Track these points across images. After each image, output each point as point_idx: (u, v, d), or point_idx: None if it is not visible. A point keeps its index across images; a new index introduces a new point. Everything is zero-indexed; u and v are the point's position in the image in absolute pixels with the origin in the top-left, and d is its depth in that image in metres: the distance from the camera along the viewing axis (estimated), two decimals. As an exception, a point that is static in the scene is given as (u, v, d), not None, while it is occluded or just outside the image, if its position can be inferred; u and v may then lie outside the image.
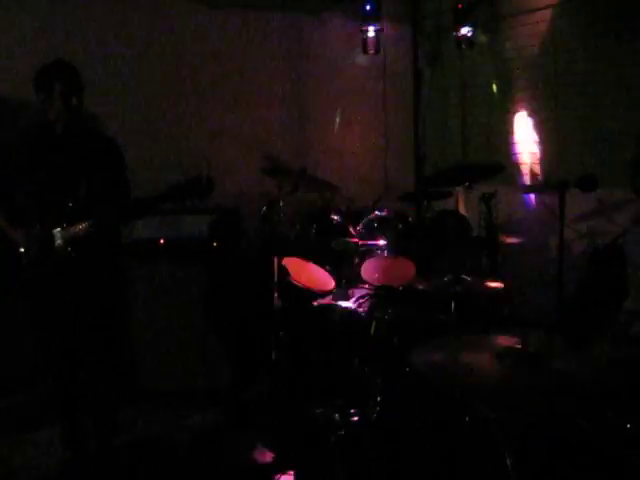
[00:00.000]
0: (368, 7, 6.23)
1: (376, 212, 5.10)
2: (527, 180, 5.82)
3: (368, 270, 4.68)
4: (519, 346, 2.59)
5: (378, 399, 3.77)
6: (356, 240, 4.90)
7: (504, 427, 2.99)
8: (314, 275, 4.89)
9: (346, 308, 4.45)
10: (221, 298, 5.15)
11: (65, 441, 4.14)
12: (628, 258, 3.41)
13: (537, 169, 5.74)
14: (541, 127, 5.77)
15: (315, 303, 4.65)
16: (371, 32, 6.27)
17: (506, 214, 5.65)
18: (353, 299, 4.58)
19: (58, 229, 3.79)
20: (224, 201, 5.30)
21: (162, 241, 5.08)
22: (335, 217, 5.13)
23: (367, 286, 4.68)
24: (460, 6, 6.13)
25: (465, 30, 6.10)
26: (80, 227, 3.76)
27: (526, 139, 5.88)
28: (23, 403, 4.92)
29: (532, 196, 5.71)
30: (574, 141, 5.41)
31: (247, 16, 6.26)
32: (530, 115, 5.87)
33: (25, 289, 3.98)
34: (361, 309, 4.43)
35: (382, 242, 4.90)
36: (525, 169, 5.86)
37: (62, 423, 4.15)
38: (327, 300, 4.67)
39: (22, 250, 3.84)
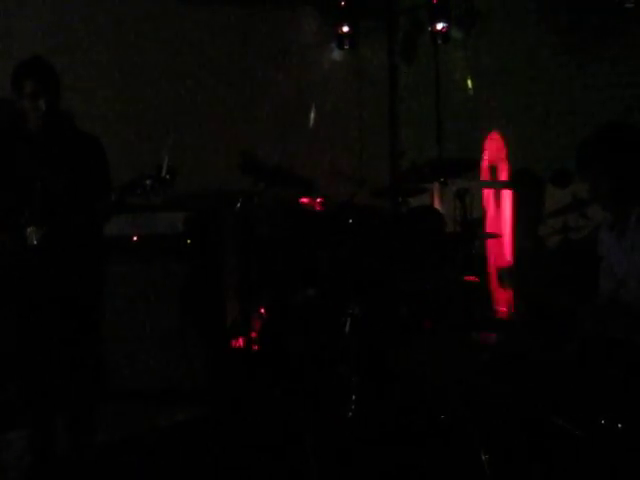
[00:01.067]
0: (342, 3, 6.21)
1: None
2: (503, 176, 5.83)
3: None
4: (496, 343, 2.58)
5: (353, 397, 3.76)
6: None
7: (480, 424, 2.99)
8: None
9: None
10: (196, 295, 5.11)
11: (35, 443, 4.08)
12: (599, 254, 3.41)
13: (512, 165, 5.75)
14: (515, 122, 5.78)
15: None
16: (346, 27, 6.25)
17: (481, 210, 5.67)
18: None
19: (32, 228, 3.73)
20: (198, 198, 5.26)
21: (135, 238, 5.03)
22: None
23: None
24: (435, 1, 6.11)
25: (440, 26, 6.08)
26: (54, 226, 3.71)
27: (500, 134, 5.89)
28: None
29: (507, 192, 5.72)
30: (551, 135, 5.43)
31: (220, 11, 6.21)
32: (504, 111, 5.89)
33: (4, 289, 3.90)
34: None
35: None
36: (500, 165, 5.86)
37: (33, 424, 4.09)
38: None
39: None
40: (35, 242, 3.72)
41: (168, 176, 3.57)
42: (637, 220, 3.15)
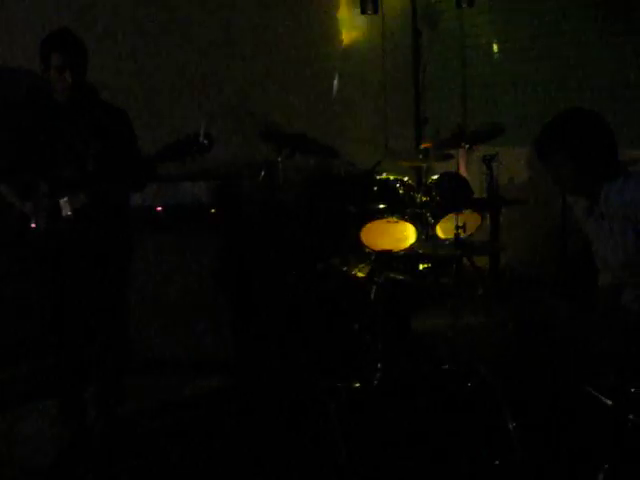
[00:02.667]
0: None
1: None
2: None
3: (368, 235, 4.64)
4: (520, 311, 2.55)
5: (379, 365, 3.75)
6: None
7: (507, 393, 2.97)
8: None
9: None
10: (222, 266, 5.11)
11: (66, 413, 4.12)
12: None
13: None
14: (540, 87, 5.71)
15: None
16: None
17: (507, 176, 5.60)
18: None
19: (65, 199, 3.74)
20: (221, 168, 5.24)
21: (160, 209, 5.02)
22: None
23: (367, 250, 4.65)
24: (459, -36, 6.03)
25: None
26: (87, 196, 3.72)
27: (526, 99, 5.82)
28: (24, 375, 4.91)
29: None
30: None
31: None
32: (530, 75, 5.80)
33: (34, 259, 3.96)
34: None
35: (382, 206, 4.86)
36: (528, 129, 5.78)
37: (64, 393, 4.13)
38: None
39: (32, 223, 3.80)
40: (69, 212, 3.74)
41: (206, 141, 3.56)
42: (605, 200, 3.12)
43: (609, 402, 2.64)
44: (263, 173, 5.24)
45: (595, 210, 3.22)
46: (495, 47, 6.22)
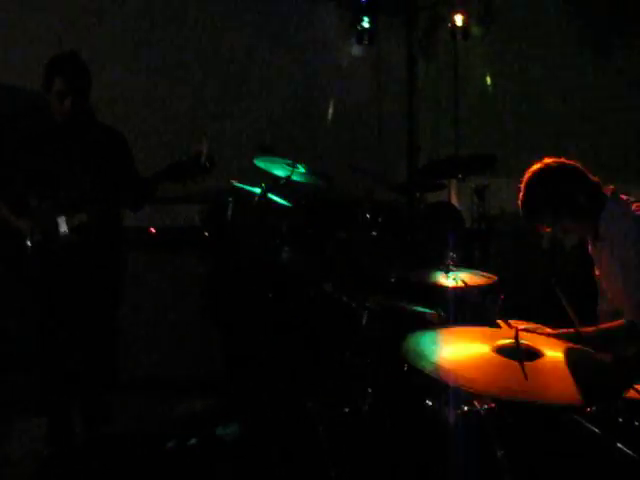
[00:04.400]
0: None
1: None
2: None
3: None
4: (513, 339, 2.56)
5: (369, 391, 3.75)
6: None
7: (496, 419, 2.99)
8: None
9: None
10: (213, 288, 5.12)
11: (52, 432, 4.10)
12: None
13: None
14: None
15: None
16: (366, 23, 6.26)
17: (498, 206, 5.64)
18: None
19: (62, 217, 3.76)
20: (216, 191, 5.26)
21: (153, 230, 5.04)
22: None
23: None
24: (455, -3, 6.13)
25: (460, 21, 6.09)
26: (84, 215, 3.75)
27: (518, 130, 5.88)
28: (10, 392, 4.89)
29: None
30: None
31: (240, 5, 6.21)
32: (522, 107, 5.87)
33: (28, 276, 3.96)
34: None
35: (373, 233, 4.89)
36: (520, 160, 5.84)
37: (52, 413, 4.12)
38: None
39: (27, 240, 3.81)
40: (66, 230, 3.75)
41: (208, 163, 3.59)
42: (606, 229, 3.16)
43: (597, 430, 2.66)
44: (256, 198, 5.26)
45: (594, 244, 3.26)
46: (488, 78, 6.30)
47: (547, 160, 3.28)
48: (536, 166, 3.29)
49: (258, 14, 6.30)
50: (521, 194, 3.27)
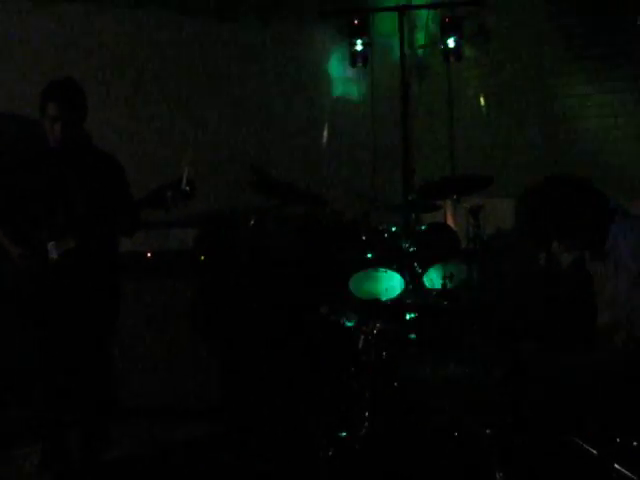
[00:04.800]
0: (356, 20, 6.24)
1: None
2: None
3: (356, 284, 4.66)
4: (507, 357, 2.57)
5: (366, 414, 3.74)
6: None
7: (494, 442, 2.98)
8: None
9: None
10: (210, 312, 5.12)
11: (49, 459, 4.08)
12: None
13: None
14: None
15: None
16: (359, 45, 6.28)
17: (494, 226, 5.65)
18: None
19: (53, 242, 3.76)
20: (211, 215, 5.28)
21: (149, 254, 5.04)
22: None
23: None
24: (447, 19, 6.16)
25: (452, 43, 6.12)
26: (72, 240, 3.74)
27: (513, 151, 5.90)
28: (6, 420, 4.86)
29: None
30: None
31: (233, 27, 6.23)
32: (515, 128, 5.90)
33: (19, 303, 3.94)
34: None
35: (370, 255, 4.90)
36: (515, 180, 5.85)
37: (47, 439, 4.10)
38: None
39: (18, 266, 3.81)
40: (56, 256, 3.75)
41: (188, 188, 3.60)
42: (614, 240, 3.14)
43: (595, 452, 2.65)
44: (252, 222, 5.27)
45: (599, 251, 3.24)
46: (482, 100, 6.33)
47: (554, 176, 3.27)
48: (542, 181, 3.29)
49: (250, 35, 6.32)
50: (527, 209, 3.26)
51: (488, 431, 2.99)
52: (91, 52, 5.66)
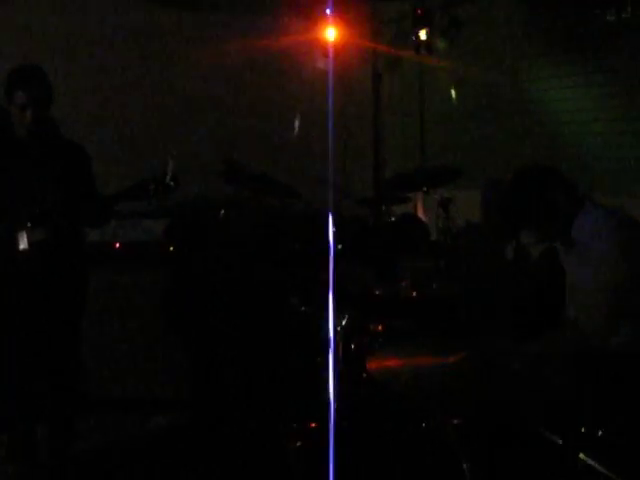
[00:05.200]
0: (327, 11, 6.21)
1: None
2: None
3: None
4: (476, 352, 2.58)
5: (334, 405, 3.74)
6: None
7: (461, 433, 2.99)
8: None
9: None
10: (179, 303, 5.09)
11: (15, 451, 4.05)
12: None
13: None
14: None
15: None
16: (330, 36, 6.27)
17: (464, 218, 5.67)
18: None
19: (22, 232, 3.72)
20: (181, 206, 5.25)
21: (118, 245, 5.01)
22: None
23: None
24: (419, 11, 6.16)
25: (424, 35, 6.13)
26: (45, 231, 3.71)
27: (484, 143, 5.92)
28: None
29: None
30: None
31: (204, 18, 6.21)
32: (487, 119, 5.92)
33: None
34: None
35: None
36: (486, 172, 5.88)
37: (13, 431, 4.06)
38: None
39: None
40: (25, 246, 3.71)
41: (172, 183, 3.59)
42: (579, 228, 3.15)
43: (559, 441, 2.67)
44: (222, 212, 5.25)
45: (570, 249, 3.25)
46: (453, 92, 6.35)
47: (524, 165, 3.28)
48: (515, 172, 3.29)
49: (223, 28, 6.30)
50: (499, 199, 3.27)
51: (455, 421, 3.00)
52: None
